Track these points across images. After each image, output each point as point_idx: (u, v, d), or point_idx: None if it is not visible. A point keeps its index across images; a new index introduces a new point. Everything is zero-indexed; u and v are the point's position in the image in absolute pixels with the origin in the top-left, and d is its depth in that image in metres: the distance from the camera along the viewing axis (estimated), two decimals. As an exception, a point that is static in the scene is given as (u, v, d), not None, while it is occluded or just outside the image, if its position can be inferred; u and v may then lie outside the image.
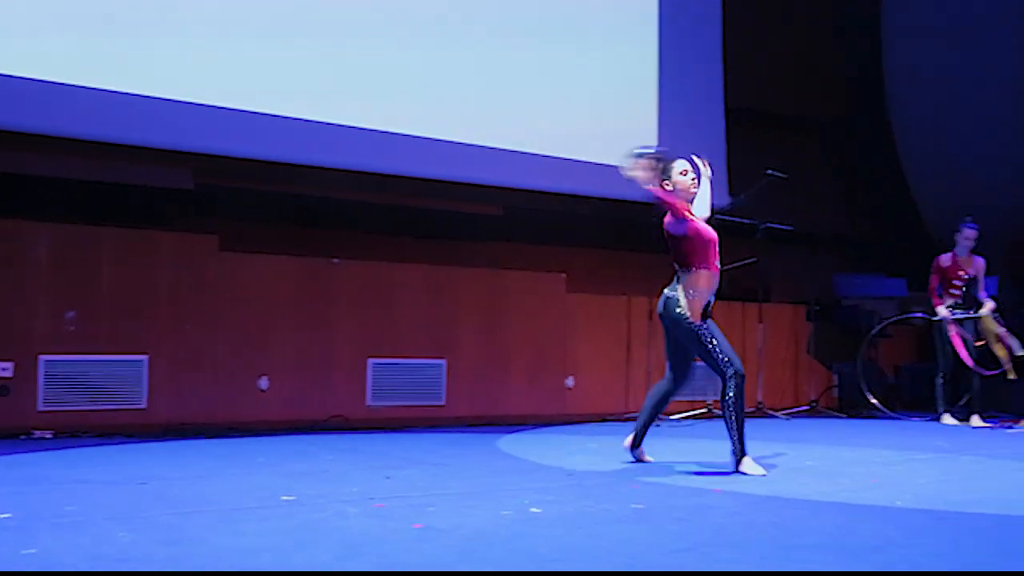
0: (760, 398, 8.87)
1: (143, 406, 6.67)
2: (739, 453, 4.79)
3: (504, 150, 8.55)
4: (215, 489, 4.10)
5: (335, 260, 7.45)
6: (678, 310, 4.85)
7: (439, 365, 7.74)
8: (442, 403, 7.71)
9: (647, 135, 9.46)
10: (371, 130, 7.89)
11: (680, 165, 4.97)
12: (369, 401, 7.43)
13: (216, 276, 6.99)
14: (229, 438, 6.19)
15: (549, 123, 8.82)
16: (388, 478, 4.48)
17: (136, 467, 4.79)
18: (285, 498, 3.83)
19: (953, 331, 8.21)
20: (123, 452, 5.45)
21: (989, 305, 8.22)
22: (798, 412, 9.13)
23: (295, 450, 5.58)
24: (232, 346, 6.98)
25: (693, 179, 4.98)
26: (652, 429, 5.24)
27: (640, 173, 4.83)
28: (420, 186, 8.41)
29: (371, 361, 7.46)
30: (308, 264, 7.37)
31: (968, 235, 8.36)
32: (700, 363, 5.00)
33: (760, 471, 4.73)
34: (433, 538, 3.11)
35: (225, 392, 6.91)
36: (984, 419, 8.17)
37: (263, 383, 7.03)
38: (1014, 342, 8.08)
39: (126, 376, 6.64)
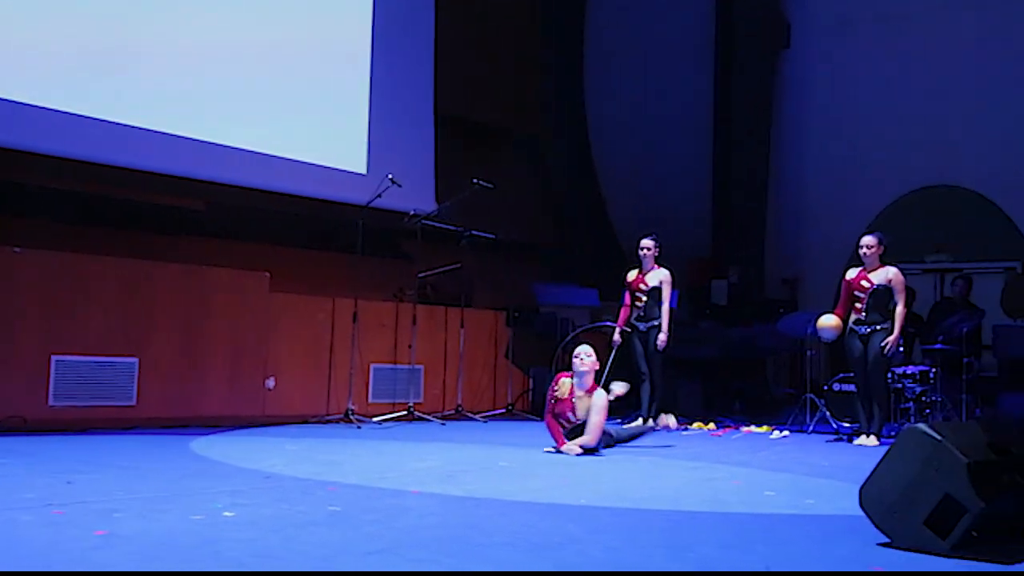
0: (459, 400, 9.10)
1: None
2: None
3: (209, 143, 8.28)
4: None
5: (16, 249, 6.91)
6: None
7: (131, 363, 7.35)
8: (133, 403, 7.34)
9: (358, 136, 9.49)
10: (64, 112, 7.41)
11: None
12: (52, 401, 6.95)
13: None
14: None
15: (258, 119, 8.64)
16: (70, 483, 4.22)
17: None
18: (-52, 506, 3.52)
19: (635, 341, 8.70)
20: None
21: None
22: (495, 414, 9.44)
23: (-37, 454, 5.14)
24: None
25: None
26: (354, 431, 5.38)
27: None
28: (116, 175, 7.99)
29: (55, 358, 6.98)
30: (-15, 252, 6.79)
31: (643, 246, 8.62)
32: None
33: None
34: (116, 545, 2.97)
35: None
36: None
37: (-73, 380, 6.41)
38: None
39: None
